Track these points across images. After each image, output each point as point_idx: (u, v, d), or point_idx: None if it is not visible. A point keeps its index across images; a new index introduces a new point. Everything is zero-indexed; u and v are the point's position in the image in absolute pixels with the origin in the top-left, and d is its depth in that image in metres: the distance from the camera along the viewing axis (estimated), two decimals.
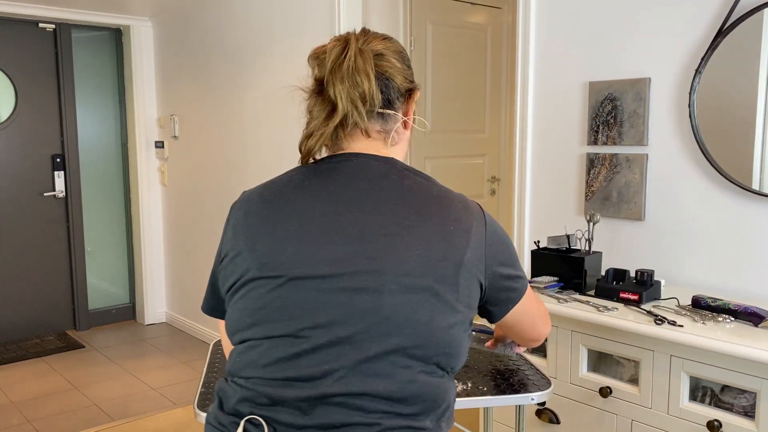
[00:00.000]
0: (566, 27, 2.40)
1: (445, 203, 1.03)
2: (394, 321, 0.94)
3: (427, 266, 0.96)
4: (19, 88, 4.34)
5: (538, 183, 2.55)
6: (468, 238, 1.01)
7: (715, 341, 1.59)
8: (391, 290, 0.95)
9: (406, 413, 0.96)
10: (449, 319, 0.98)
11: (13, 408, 3.38)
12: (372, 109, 1.06)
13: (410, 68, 1.13)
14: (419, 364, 0.96)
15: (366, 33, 1.11)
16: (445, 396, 1.01)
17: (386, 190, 1.03)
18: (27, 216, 4.42)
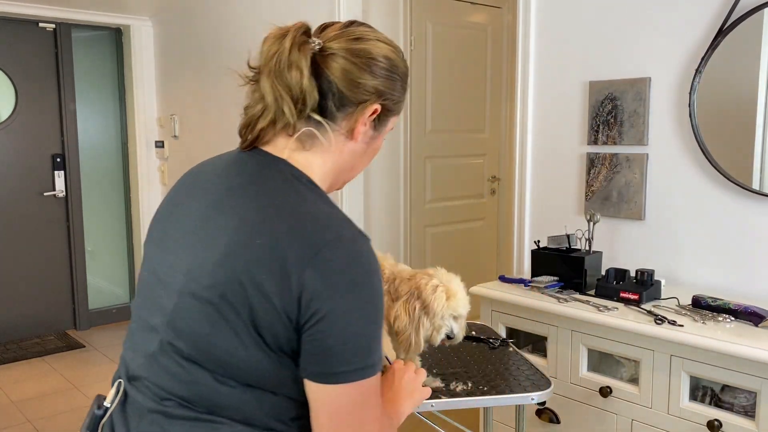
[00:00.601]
0: (566, 27, 2.40)
1: (278, 216, 0.91)
2: (177, 323, 0.95)
3: (214, 277, 0.91)
4: (19, 88, 4.34)
5: (538, 183, 2.54)
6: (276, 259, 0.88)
7: (715, 341, 1.59)
8: (182, 292, 0.94)
9: (192, 408, 0.96)
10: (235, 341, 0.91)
11: (13, 408, 3.38)
12: (303, 108, 0.97)
13: (378, 78, 1.00)
14: (201, 371, 0.94)
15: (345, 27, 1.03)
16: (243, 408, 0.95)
17: (235, 191, 0.97)
18: (27, 216, 4.42)
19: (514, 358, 1.62)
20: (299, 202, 0.94)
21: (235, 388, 0.93)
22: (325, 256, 0.87)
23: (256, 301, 0.88)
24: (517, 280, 2.17)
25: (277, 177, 0.97)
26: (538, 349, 2.12)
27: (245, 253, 0.89)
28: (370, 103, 1.00)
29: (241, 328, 0.90)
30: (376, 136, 1.07)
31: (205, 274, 0.91)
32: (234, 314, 0.89)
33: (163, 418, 0.95)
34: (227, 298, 0.89)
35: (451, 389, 1.42)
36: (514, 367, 1.55)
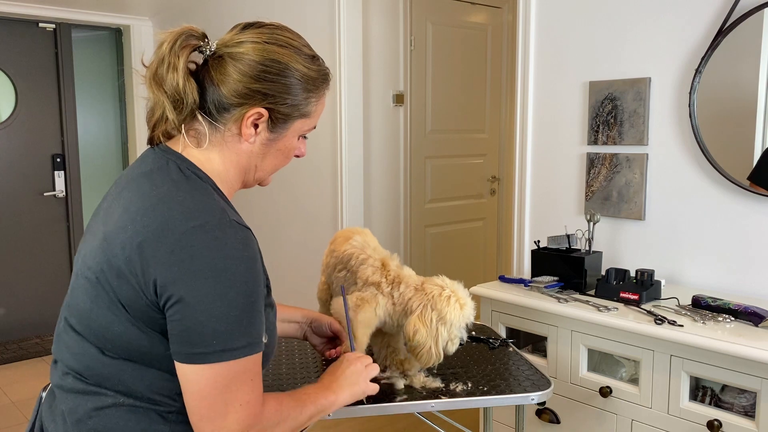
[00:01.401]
0: (566, 27, 2.40)
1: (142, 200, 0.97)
2: (69, 300, 1.04)
3: (93, 257, 1.00)
4: (19, 88, 4.34)
5: (538, 183, 2.54)
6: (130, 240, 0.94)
7: (715, 341, 1.59)
8: (77, 273, 1.04)
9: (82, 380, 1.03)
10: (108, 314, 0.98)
11: (13, 408, 3.38)
12: (182, 108, 1.01)
13: (262, 81, 1.01)
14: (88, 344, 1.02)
15: (246, 28, 1.05)
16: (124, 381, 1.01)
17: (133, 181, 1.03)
18: (27, 216, 4.42)
19: (514, 358, 1.62)
20: (175, 190, 0.97)
21: (116, 360, 0.99)
22: (183, 242, 0.91)
23: (121, 283, 0.95)
24: (517, 280, 2.17)
25: (165, 169, 1.01)
26: (538, 349, 2.12)
27: (118, 238, 0.96)
28: (249, 106, 1.02)
29: (113, 306, 0.97)
30: (275, 138, 1.07)
31: (90, 257, 1.00)
32: (105, 293, 0.97)
33: (60, 392, 1.05)
34: (101, 278, 0.97)
35: (451, 389, 1.42)
36: (514, 367, 1.55)
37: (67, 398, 1.03)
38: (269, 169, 1.12)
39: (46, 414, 1.08)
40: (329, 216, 3.39)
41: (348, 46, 3.20)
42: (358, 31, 3.26)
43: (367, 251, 1.46)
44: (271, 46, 1.03)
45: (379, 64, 3.60)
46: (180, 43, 1.00)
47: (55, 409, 1.05)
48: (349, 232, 1.55)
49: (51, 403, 1.08)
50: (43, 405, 1.11)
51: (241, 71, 1.01)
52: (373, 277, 1.40)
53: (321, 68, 1.09)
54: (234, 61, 1.01)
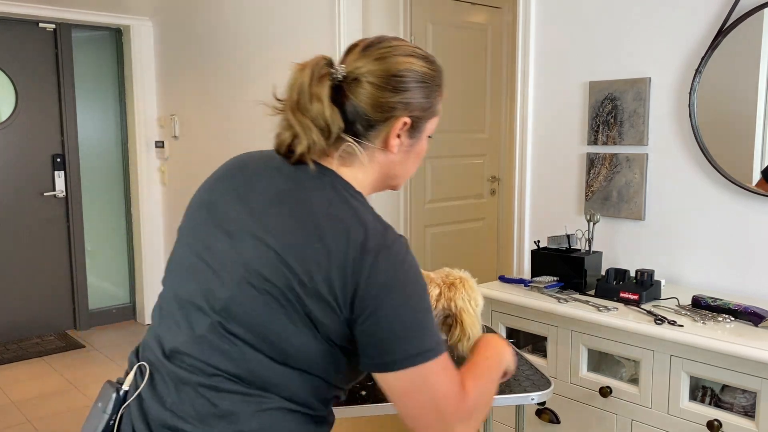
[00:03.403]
0: (566, 27, 2.40)
1: (333, 222, 1.00)
2: (233, 310, 1.02)
3: (276, 273, 0.99)
4: (19, 88, 4.34)
5: (538, 183, 2.54)
6: (332, 263, 0.97)
7: (715, 341, 1.59)
8: (239, 283, 1.02)
9: (241, 384, 1.03)
10: (290, 328, 1.00)
11: (13, 408, 3.38)
12: (329, 135, 1.05)
13: (400, 92, 1.06)
14: (254, 352, 1.02)
15: (368, 47, 1.08)
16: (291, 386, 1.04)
17: (291, 195, 1.04)
18: (27, 216, 4.42)
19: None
20: (348, 210, 1.02)
21: (286, 368, 1.02)
22: (376, 262, 0.97)
23: (313, 299, 0.98)
24: (517, 280, 2.17)
25: (327, 186, 1.05)
26: (538, 349, 2.12)
27: (304, 255, 0.98)
28: (396, 118, 1.07)
29: (297, 320, 0.99)
30: (414, 142, 1.13)
31: (266, 269, 1.00)
32: (292, 308, 0.99)
33: (211, 392, 1.02)
34: (286, 293, 0.98)
35: None
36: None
37: (223, 398, 1.02)
38: (406, 175, 1.17)
39: (162, 414, 1.04)
40: None
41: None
42: (358, 31, 3.25)
43: None
44: (395, 57, 1.07)
45: None
46: (317, 73, 1.05)
47: (196, 408, 1.02)
48: None
49: (175, 401, 1.03)
50: (147, 405, 1.06)
51: (379, 88, 1.05)
52: None
53: (436, 65, 1.14)
54: (370, 80, 1.05)
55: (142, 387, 1.07)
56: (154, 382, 1.07)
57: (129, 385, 1.10)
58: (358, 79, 1.05)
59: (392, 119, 1.07)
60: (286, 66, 3.52)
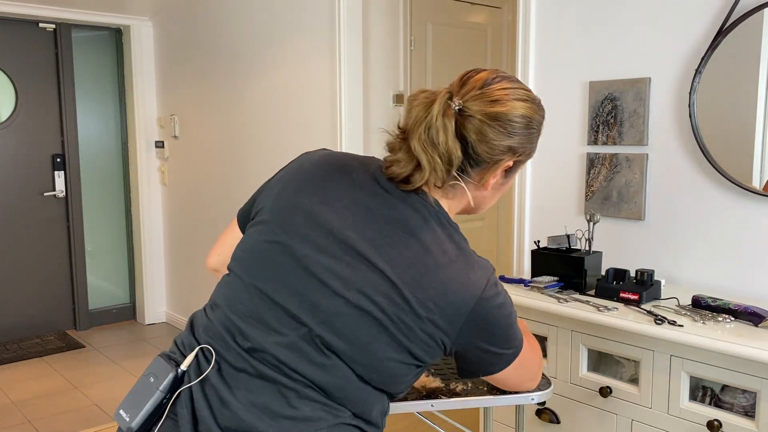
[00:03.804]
0: (566, 27, 2.40)
1: (443, 261, 1.05)
2: (336, 325, 1.04)
3: (389, 301, 1.03)
4: (19, 88, 4.34)
5: (538, 183, 2.55)
6: (443, 303, 1.04)
7: (715, 341, 1.59)
8: (348, 301, 1.03)
9: (323, 395, 1.06)
10: (389, 353, 1.05)
11: (13, 408, 3.38)
12: (450, 168, 1.07)
13: (513, 136, 1.07)
14: (347, 368, 1.05)
15: (485, 84, 1.07)
16: (367, 401, 1.09)
17: (402, 223, 1.07)
18: (27, 216, 4.42)
19: None
20: (457, 250, 1.07)
21: (369, 387, 1.07)
22: (479, 306, 1.06)
23: (421, 332, 1.04)
24: (517, 280, 2.17)
25: (434, 219, 1.09)
26: None
27: (420, 289, 1.03)
28: (504, 161, 1.10)
29: (398, 348, 1.05)
30: (506, 182, 1.17)
31: (380, 297, 1.03)
32: (397, 335, 1.04)
33: (292, 394, 1.04)
34: (397, 322, 1.03)
35: (451, 389, 1.42)
36: None
37: (303, 403, 1.04)
38: (487, 207, 1.21)
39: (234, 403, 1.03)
40: None
41: (348, 46, 3.20)
42: (358, 31, 3.25)
43: None
44: (513, 102, 1.07)
45: (379, 64, 3.60)
46: (443, 107, 1.05)
47: (272, 406, 1.03)
48: None
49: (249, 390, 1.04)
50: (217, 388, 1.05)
51: (494, 130, 1.06)
52: None
53: (542, 109, 1.15)
54: (486, 121, 1.05)
55: (209, 371, 1.06)
56: (221, 370, 1.06)
57: (188, 366, 1.08)
58: (472, 116, 1.05)
59: (500, 162, 1.09)
60: (285, 65, 3.52)
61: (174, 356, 1.11)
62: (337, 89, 3.22)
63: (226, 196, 4.16)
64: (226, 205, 4.17)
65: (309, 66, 3.37)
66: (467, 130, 1.06)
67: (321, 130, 3.35)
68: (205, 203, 4.36)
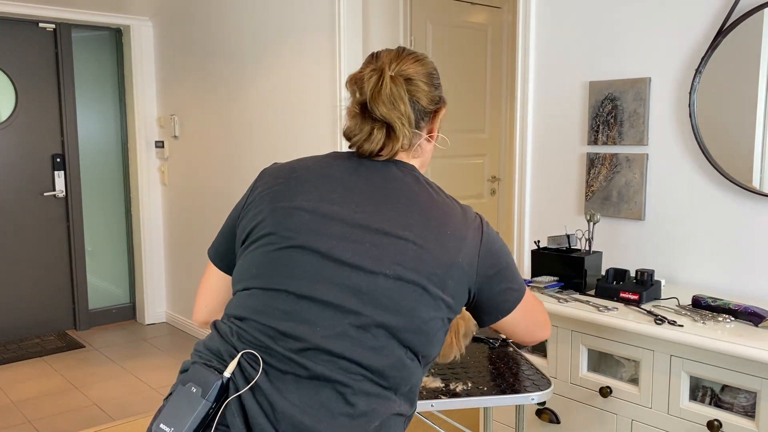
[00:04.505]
0: (566, 27, 2.40)
1: (446, 210, 1.16)
2: (382, 302, 1.07)
3: (420, 262, 1.09)
4: (19, 88, 4.34)
5: (538, 183, 2.54)
6: (461, 245, 1.13)
7: (715, 341, 1.59)
8: (386, 275, 1.08)
9: (378, 383, 1.08)
10: (431, 312, 1.10)
11: (13, 408, 3.38)
12: (410, 127, 1.20)
13: (438, 88, 1.25)
14: (396, 344, 1.08)
15: (399, 55, 1.22)
16: (411, 378, 1.12)
17: (398, 191, 1.16)
18: (27, 216, 4.42)
19: (514, 358, 1.62)
20: (449, 200, 1.19)
21: (414, 361, 1.11)
22: (485, 240, 1.17)
23: (453, 282, 1.12)
24: None
25: (418, 180, 1.19)
26: (538, 349, 2.12)
27: (442, 242, 1.12)
28: (441, 108, 1.27)
29: (436, 304, 1.10)
30: (436, 134, 1.30)
31: (412, 261, 1.09)
32: (434, 292, 1.10)
33: (348, 390, 1.05)
34: (432, 278, 1.10)
35: (451, 389, 1.42)
36: (514, 367, 1.55)
37: (359, 398, 1.05)
38: (428, 163, 1.34)
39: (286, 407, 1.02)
40: None
41: (348, 46, 3.20)
42: (358, 31, 3.26)
43: None
44: (425, 60, 1.25)
45: None
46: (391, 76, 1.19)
47: (330, 405, 1.03)
48: None
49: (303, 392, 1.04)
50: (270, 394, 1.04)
51: (427, 84, 1.22)
52: None
53: None
54: (420, 77, 1.21)
55: (259, 377, 1.04)
56: (269, 375, 1.05)
57: (231, 372, 1.06)
58: (411, 79, 1.20)
59: (439, 109, 1.26)
60: (285, 65, 3.52)
61: (211, 364, 1.09)
62: (337, 89, 3.22)
63: (226, 196, 4.16)
64: (226, 205, 4.17)
65: (309, 66, 3.37)
66: (412, 91, 1.20)
67: (321, 130, 3.35)
68: (205, 203, 4.36)
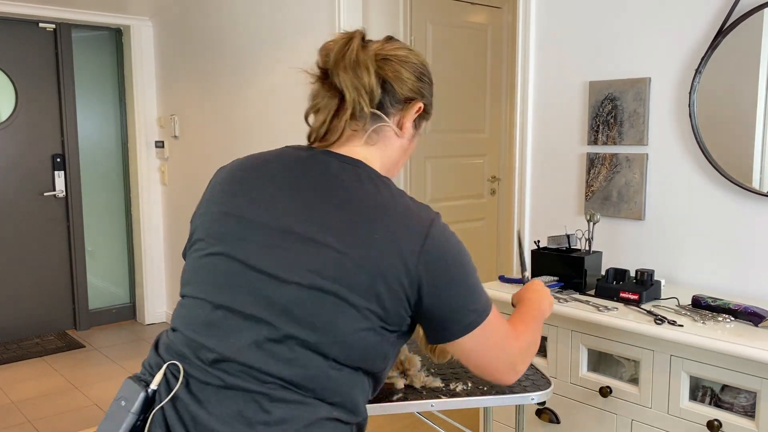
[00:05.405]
0: (566, 27, 2.40)
1: (385, 211, 1.05)
2: (294, 313, 1.02)
3: (341, 269, 1.01)
4: (19, 88, 4.34)
5: (538, 183, 2.54)
6: (395, 250, 1.02)
7: (715, 341, 1.59)
8: (300, 284, 1.02)
9: (297, 392, 1.03)
10: (355, 324, 1.02)
11: (13, 408, 3.38)
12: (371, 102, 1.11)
13: (422, 81, 1.17)
14: (315, 356, 1.02)
15: (388, 41, 1.17)
16: (341, 389, 1.05)
17: (331, 189, 1.07)
18: (27, 216, 4.42)
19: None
20: (390, 197, 1.07)
21: (342, 372, 1.04)
22: (429, 243, 1.04)
23: (383, 290, 1.01)
24: (517, 280, 2.17)
25: (362, 176, 1.09)
26: (537, 349, 2.11)
27: (367, 247, 1.02)
28: (416, 101, 1.17)
29: (360, 316, 1.02)
30: (414, 134, 1.22)
31: (331, 269, 1.01)
32: (356, 303, 1.01)
33: (264, 399, 1.02)
34: (354, 286, 1.01)
35: (451, 389, 1.42)
36: None
37: (276, 406, 1.02)
38: (401, 166, 1.24)
39: (204, 416, 1.02)
40: None
41: None
42: None
43: None
44: (417, 54, 1.19)
45: None
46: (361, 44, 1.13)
47: (247, 414, 1.01)
48: None
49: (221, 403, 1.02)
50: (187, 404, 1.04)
51: (409, 71, 1.15)
52: None
53: None
54: (401, 62, 1.14)
55: (178, 388, 1.05)
56: (189, 385, 1.05)
57: (157, 384, 1.07)
58: (389, 60, 1.13)
59: (414, 101, 1.16)
60: (285, 65, 3.52)
61: (143, 377, 1.10)
62: None
63: None
64: None
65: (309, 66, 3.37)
66: (385, 70, 1.12)
67: None
68: None
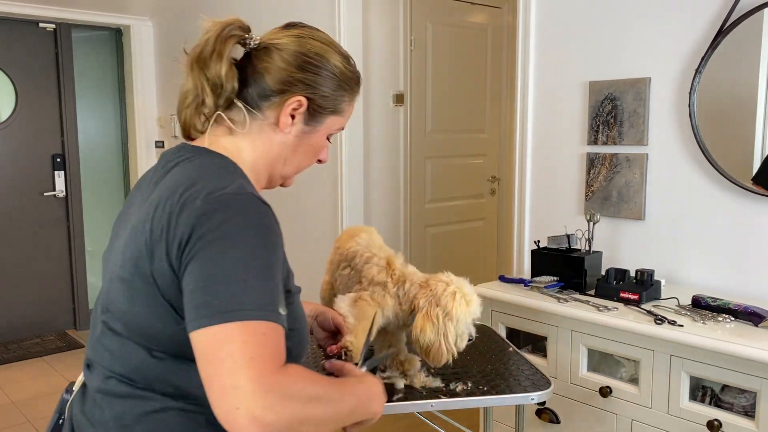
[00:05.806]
0: (566, 27, 2.40)
1: (165, 185, 0.98)
2: (107, 305, 1.02)
3: (124, 255, 0.98)
4: (19, 88, 4.34)
5: (538, 183, 2.54)
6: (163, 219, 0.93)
7: (715, 341, 1.59)
8: (110, 278, 1.01)
9: (128, 384, 0.99)
10: (149, 310, 0.95)
11: (14, 408, 3.38)
12: (221, 94, 1.04)
13: (304, 72, 1.06)
14: (132, 344, 0.98)
15: (287, 26, 1.10)
16: (169, 377, 0.97)
17: (152, 183, 1.04)
18: (27, 216, 4.42)
19: (514, 357, 1.62)
20: (198, 172, 0.98)
21: (165, 361, 0.97)
22: (199, 204, 0.91)
23: (156, 267, 0.93)
24: (517, 280, 2.17)
25: (191, 161, 1.02)
26: (538, 349, 2.11)
27: (145, 226, 0.95)
28: (291, 94, 1.06)
29: (152, 300, 0.94)
30: (309, 131, 1.11)
31: (119, 255, 0.99)
32: (146, 287, 0.94)
33: (103, 397, 1.02)
34: (135, 273, 0.95)
35: (451, 389, 1.42)
36: (514, 367, 1.55)
37: (113, 403, 1.00)
38: (296, 166, 1.14)
39: (81, 419, 1.05)
40: (329, 216, 3.39)
41: (348, 46, 3.20)
42: (358, 31, 3.26)
43: (372, 249, 1.46)
44: (312, 40, 1.08)
45: (379, 64, 3.60)
46: (227, 32, 1.04)
47: (94, 415, 1.02)
48: (355, 230, 1.55)
49: (87, 407, 1.05)
50: (74, 409, 1.08)
51: (285, 59, 1.05)
52: (378, 277, 1.40)
53: (354, 70, 1.14)
54: (279, 50, 1.06)
55: (74, 394, 1.10)
56: (85, 392, 1.09)
57: (78, 386, 1.12)
58: (268, 48, 1.06)
59: (288, 93, 1.05)
60: None
61: None
62: None
63: None
64: None
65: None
66: (260, 60, 1.06)
67: None
68: None
